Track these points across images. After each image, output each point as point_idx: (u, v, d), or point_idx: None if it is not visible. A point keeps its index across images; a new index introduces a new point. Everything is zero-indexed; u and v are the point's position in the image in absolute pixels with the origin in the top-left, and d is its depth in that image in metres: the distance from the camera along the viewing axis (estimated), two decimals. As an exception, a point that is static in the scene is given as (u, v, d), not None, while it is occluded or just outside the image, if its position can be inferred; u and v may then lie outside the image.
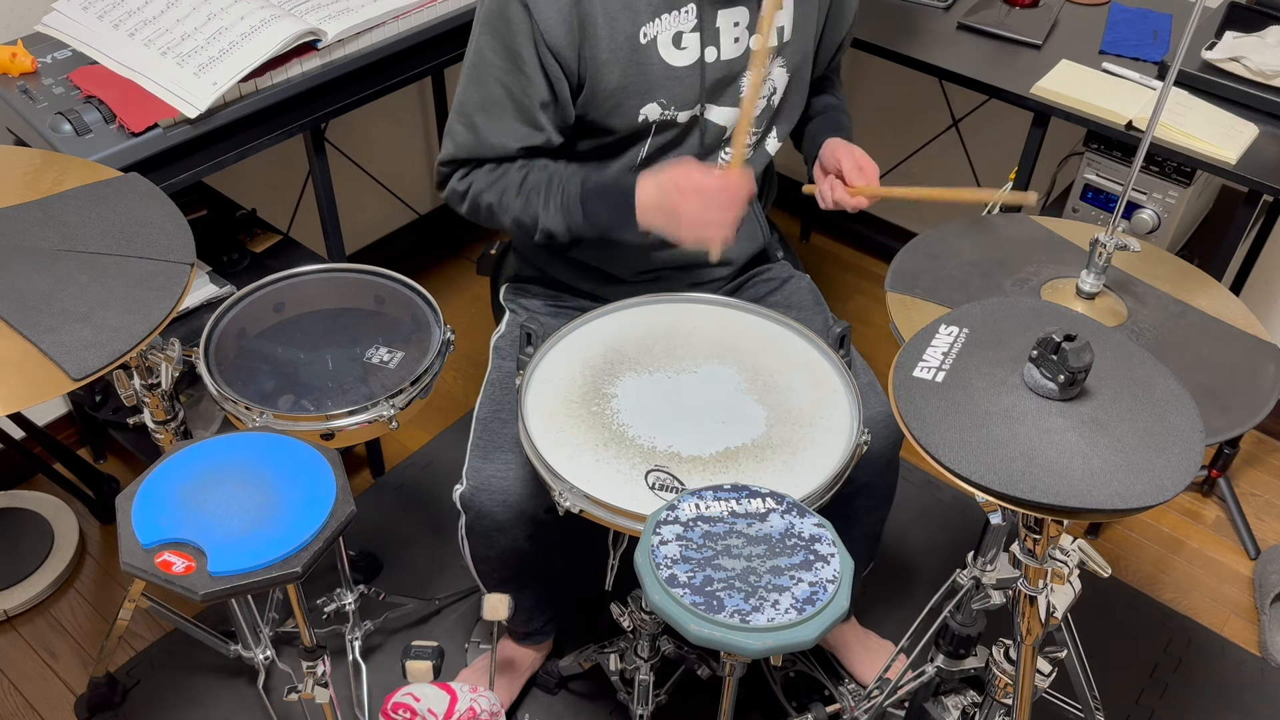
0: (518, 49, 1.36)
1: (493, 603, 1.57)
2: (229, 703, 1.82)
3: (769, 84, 1.51)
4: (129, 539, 1.13)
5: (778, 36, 1.47)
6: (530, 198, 1.44)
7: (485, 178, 1.47)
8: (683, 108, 1.45)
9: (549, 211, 1.44)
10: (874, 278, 2.79)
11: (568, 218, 1.43)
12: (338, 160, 2.46)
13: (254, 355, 1.49)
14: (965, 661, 1.41)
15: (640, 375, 1.39)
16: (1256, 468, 2.33)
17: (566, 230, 1.44)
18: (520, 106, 1.40)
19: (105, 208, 1.34)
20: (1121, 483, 0.99)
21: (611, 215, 1.41)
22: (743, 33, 1.44)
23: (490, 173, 1.46)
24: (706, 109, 1.47)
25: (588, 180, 1.43)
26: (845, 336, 1.44)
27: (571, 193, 1.43)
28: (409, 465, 2.26)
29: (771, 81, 1.51)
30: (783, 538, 1.11)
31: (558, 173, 1.45)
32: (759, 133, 1.56)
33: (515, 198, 1.45)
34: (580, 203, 1.42)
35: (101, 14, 1.68)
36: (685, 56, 1.41)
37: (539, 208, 1.44)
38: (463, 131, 1.45)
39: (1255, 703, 1.88)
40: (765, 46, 1.42)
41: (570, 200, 1.42)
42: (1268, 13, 1.89)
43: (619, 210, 1.40)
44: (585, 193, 1.42)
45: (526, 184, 1.45)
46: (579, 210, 1.42)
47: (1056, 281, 1.38)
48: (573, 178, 1.44)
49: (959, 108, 2.53)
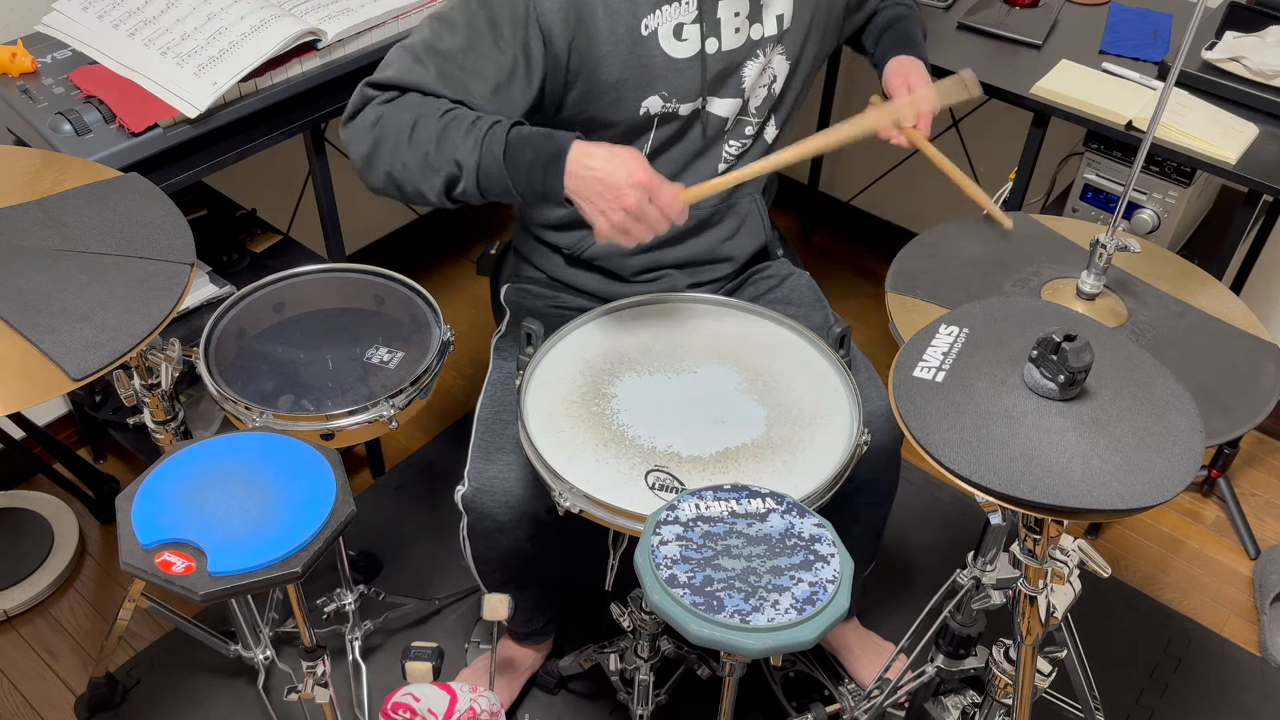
0: (500, 22, 1.31)
1: (493, 603, 1.57)
2: (229, 703, 1.82)
3: (768, 73, 1.50)
4: (129, 539, 1.13)
5: (777, 25, 1.47)
6: (450, 126, 1.28)
7: (414, 99, 1.32)
8: (685, 100, 1.45)
9: (466, 141, 1.27)
10: (874, 277, 2.79)
11: (483, 153, 1.26)
12: (338, 160, 2.46)
13: (254, 355, 1.49)
14: (965, 661, 1.41)
15: (640, 375, 1.39)
16: (1256, 468, 2.33)
17: (476, 166, 1.27)
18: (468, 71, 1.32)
19: (105, 208, 1.34)
20: (1121, 483, 0.99)
21: (534, 162, 1.25)
22: (743, 23, 1.43)
23: (417, 99, 1.32)
24: (708, 101, 1.47)
25: (519, 125, 1.30)
26: (845, 336, 1.44)
27: (500, 129, 1.27)
28: (409, 465, 2.26)
29: (771, 70, 1.50)
30: (783, 538, 1.11)
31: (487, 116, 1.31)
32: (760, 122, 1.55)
33: (435, 121, 1.29)
34: (505, 139, 1.26)
35: (101, 14, 1.68)
36: (686, 48, 1.41)
37: (458, 135, 1.27)
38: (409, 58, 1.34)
39: (1255, 703, 1.88)
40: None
41: (495, 135, 1.27)
42: (1268, 13, 1.89)
43: (547, 162, 1.25)
44: (516, 132, 1.28)
45: (454, 112, 1.30)
46: (500, 148, 1.26)
47: (1057, 282, 1.38)
48: (505, 120, 1.30)
49: (959, 108, 2.52)
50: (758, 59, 1.47)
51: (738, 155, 1.55)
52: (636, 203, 1.23)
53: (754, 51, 1.46)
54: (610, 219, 1.25)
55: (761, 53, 1.47)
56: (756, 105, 1.52)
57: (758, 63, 1.47)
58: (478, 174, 1.28)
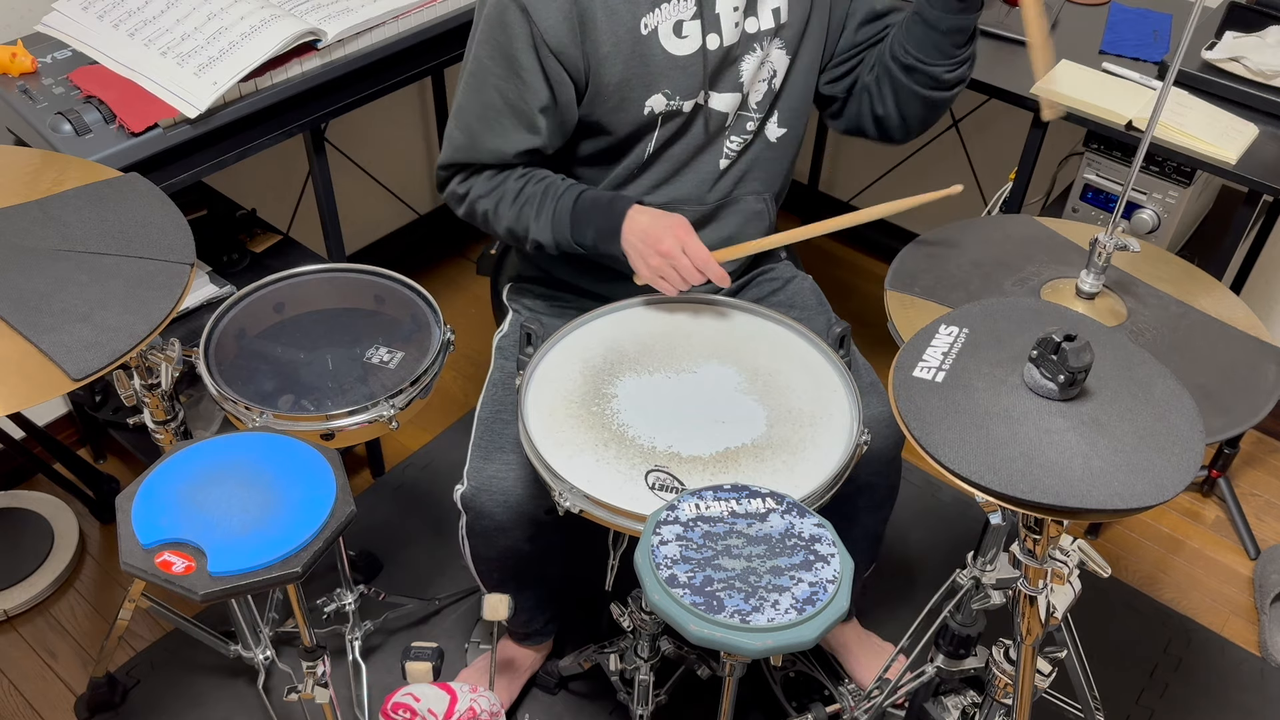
0: (515, 55, 1.37)
1: (493, 603, 1.57)
2: (229, 703, 1.82)
3: (768, 66, 1.49)
4: (129, 539, 1.13)
5: (774, 18, 1.46)
6: (524, 208, 1.47)
7: (483, 185, 1.49)
8: (687, 97, 1.45)
9: (540, 223, 1.46)
10: (874, 278, 2.79)
11: (556, 231, 1.46)
12: (338, 160, 2.46)
13: (254, 355, 1.49)
14: (965, 661, 1.41)
15: (640, 375, 1.39)
16: (1256, 468, 2.33)
17: (554, 243, 1.47)
18: (517, 112, 1.41)
19: (105, 208, 1.34)
20: (1121, 483, 0.99)
21: (598, 232, 1.44)
22: (740, 16, 1.43)
23: (489, 180, 1.48)
24: (709, 96, 1.47)
25: (582, 196, 1.45)
26: (845, 336, 1.45)
27: (564, 206, 1.45)
28: (409, 465, 2.26)
29: (770, 65, 1.50)
30: (783, 538, 1.11)
31: (553, 185, 1.47)
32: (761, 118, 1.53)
33: (510, 206, 1.47)
34: (570, 217, 1.45)
35: (101, 14, 1.68)
36: (687, 45, 1.41)
37: (531, 218, 1.46)
38: (460, 137, 1.47)
39: (1255, 703, 1.88)
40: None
41: (561, 213, 1.45)
42: (1268, 13, 1.89)
43: (606, 228, 1.43)
44: (577, 208, 1.44)
45: (522, 194, 1.47)
46: (568, 224, 1.45)
47: (1057, 282, 1.38)
48: (568, 192, 1.46)
49: (959, 108, 2.53)
50: (755, 53, 1.47)
51: (740, 152, 1.55)
52: (670, 249, 1.39)
53: (751, 45, 1.46)
54: (649, 263, 1.41)
55: (759, 46, 1.47)
56: (757, 100, 1.51)
57: (755, 56, 1.47)
58: (557, 248, 1.48)
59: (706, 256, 1.40)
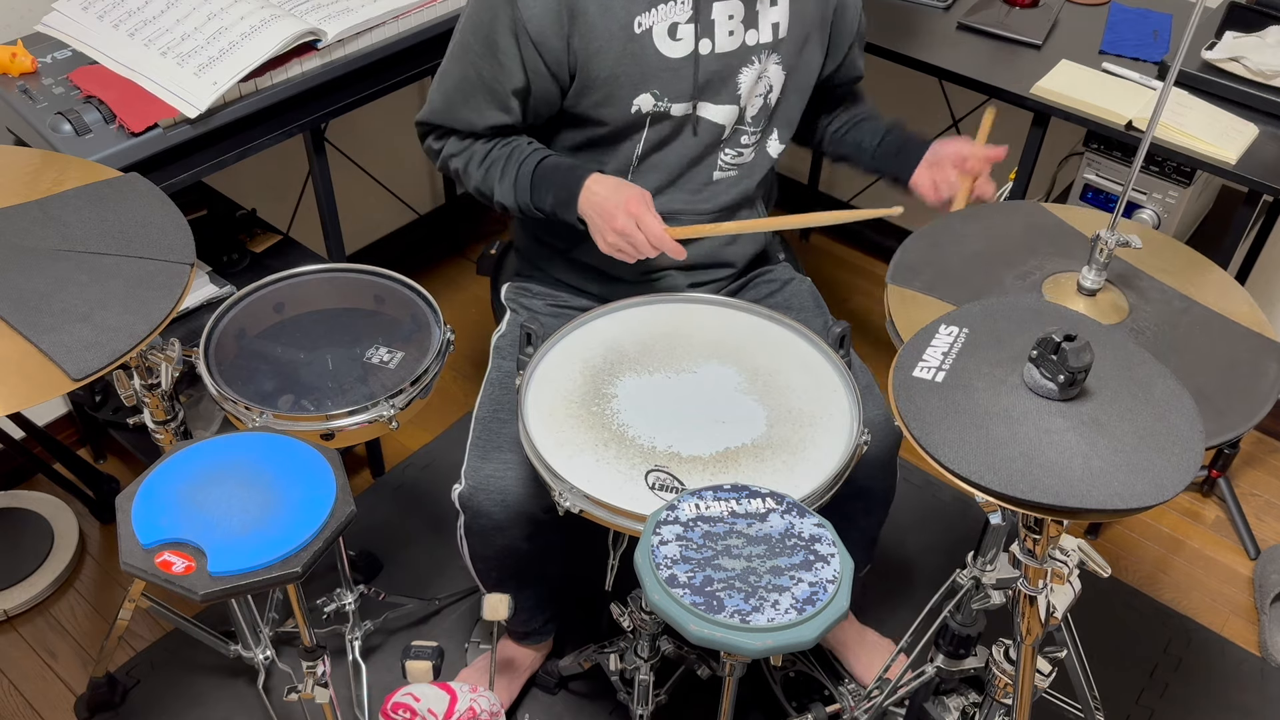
0: (496, 38, 1.40)
1: (493, 603, 1.57)
2: (229, 703, 1.82)
3: (764, 82, 1.50)
4: (129, 539, 1.13)
5: (772, 33, 1.47)
6: (489, 170, 1.51)
7: (455, 144, 1.54)
8: (677, 100, 1.45)
9: (503, 185, 1.50)
10: (874, 278, 2.79)
11: (519, 194, 1.49)
12: (338, 160, 2.46)
13: (254, 355, 1.49)
14: (965, 661, 1.41)
15: (640, 375, 1.39)
16: (1256, 468, 2.33)
17: (516, 206, 1.51)
18: (491, 91, 1.45)
19: (105, 208, 1.34)
20: (1121, 483, 0.99)
21: (555, 199, 1.46)
22: (737, 25, 1.44)
23: (459, 141, 1.53)
24: (700, 106, 1.47)
25: (544, 161, 1.48)
26: (845, 336, 1.45)
27: (525, 170, 1.48)
28: (409, 465, 2.26)
29: (767, 79, 1.50)
30: (783, 538, 1.11)
31: (519, 149, 1.50)
32: (759, 133, 1.55)
33: (478, 167, 1.52)
34: (530, 181, 1.48)
35: (101, 14, 1.68)
36: (680, 48, 1.42)
37: (495, 180, 1.50)
38: (438, 100, 1.52)
39: (1255, 703, 1.88)
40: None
41: (523, 177, 1.48)
42: (1268, 13, 1.89)
43: (563, 195, 1.45)
44: (537, 172, 1.47)
45: (489, 156, 1.51)
46: (528, 187, 1.48)
47: (1059, 276, 1.37)
48: (531, 156, 1.49)
49: (959, 108, 2.52)
50: (753, 65, 1.47)
51: (736, 165, 1.55)
52: (624, 226, 1.39)
53: (749, 58, 1.46)
54: (606, 239, 1.42)
55: (757, 59, 1.47)
56: (753, 115, 1.52)
57: (753, 70, 1.48)
58: (519, 210, 1.51)
59: (661, 233, 1.39)
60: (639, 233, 1.39)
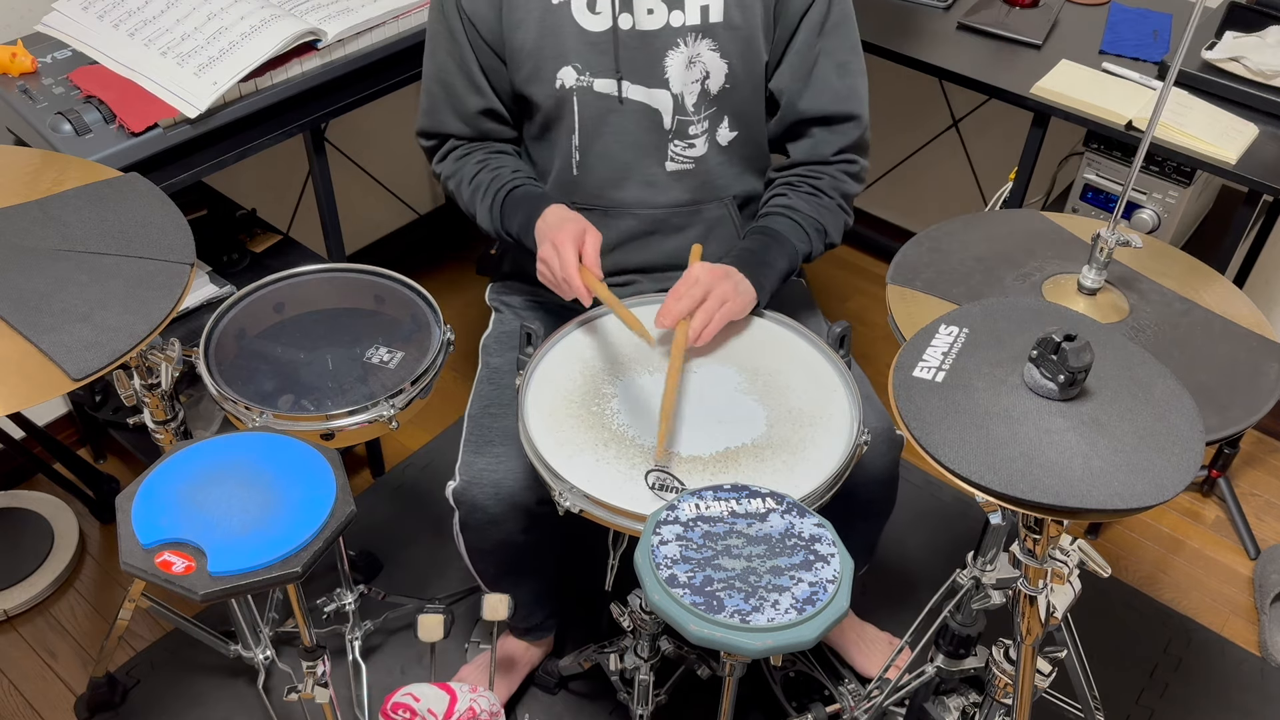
0: (448, 19, 1.47)
1: (492, 603, 1.57)
2: (229, 703, 1.82)
3: (698, 66, 1.46)
4: (129, 539, 1.13)
5: (701, 15, 1.43)
6: (475, 193, 1.55)
7: (450, 165, 1.58)
8: (599, 75, 1.46)
9: (483, 208, 1.54)
10: (874, 278, 2.79)
11: (493, 218, 1.54)
12: (338, 160, 2.46)
13: (254, 355, 1.49)
14: (965, 661, 1.41)
15: (640, 375, 1.39)
16: (1256, 468, 2.33)
17: (492, 230, 1.55)
18: (465, 73, 1.50)
19: (105, 208, 1.34)
20: (1121, 483, 0.99)
21: (520, 226, 1.49)
22: (657, 4, 1.43)
23: (455, 161, 1.58)
24: (628, 86, 1.46)
25: (517, 189, 1.52)
26: (845, 336, 1.44)
27: (500, 196, 1.53)
28: (409, 465, 2.26)
29: (701, 65, 1.46)
30: (783, 538, 1.11)
31: (500, 175, 1.54)
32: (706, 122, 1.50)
33: (466, 189, 1.56)
34: (502, 207, 1.52)
35: (101, 14, 1.68)
36: (599, 21, 1.44)
37: (477, 203, 1.55)
38: (425, 101, 1.56)
39: (1255, 703, 1.88)
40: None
41: (497, 203, 1.53)
42: (1268, 13, 1.89)
43: (525, 222, 1.48)
44: (509, 199, 1.52)
45: (475, 179, 1.55)
46: (499, 214, 1.53)
47: (1059, 277, 1.38)
48: (509, 183, 1.53)
49: (959, 108, 2.53)
50: (679, 49, 1.44)
51: (689, 159, 1.52)
52: (546, 254, 1.40)
53: (675, 40, 1.44)
54: (539, 266, 1.43)
55: (683, 42, 1.44)
56: (693, 103, 1.48)
57: (681, 53, 1.45)
58: (495, 233, 1.55)
59: (570, 270, 1.35)
60: (555, 261, 1.37)
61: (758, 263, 1.45)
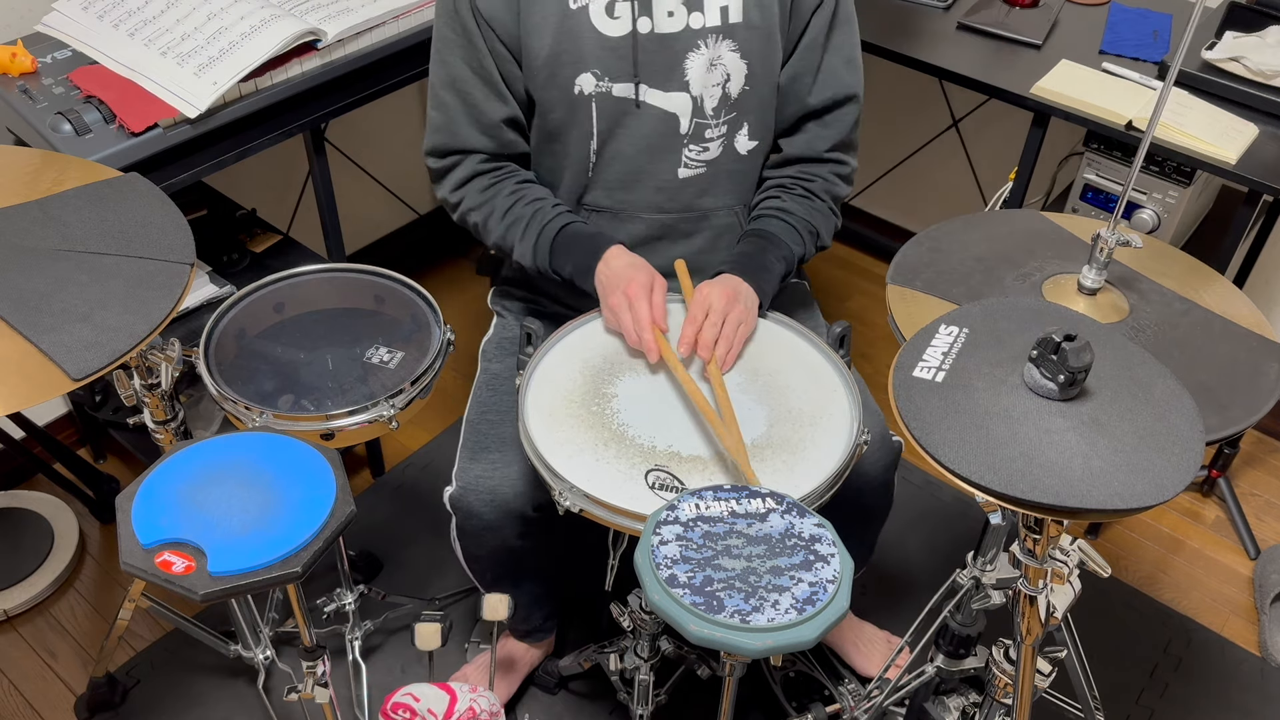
0: (463, 20, 1.41)
1: (492, 603, 1.57)
2: (229, 703, 1.82)
3: (719, 70, 1.44)
4: (129, 539, 1.13)
5: (721, 16, 1.42)
6: (511, 228, 1.49)
7: (475, 197, 1.51)
8: (618, 80, 1.43)
9: (524, 245, 1.48)
10: (874, 278, 2.79)
11: (538, 256, 1.48)
12: (338, 160, 2.46)
13: (254, 355, 1.49)
14: (965, 661, 1.41)
15: (640, 375, 1.39)
16: (1256, 468, 2.33)
17: (535, 268, 1.50)
18: (485, 78, 1.44)
19: (105, 208, 1.34)
20: (1121, 483, 0.99)
21: (575, 267, 1.45)
22: (678, 7, 1.41)
23: (481, 192, 1.50)
24: (646, 90, 1.44)
25: (567, 227, 1.47)
26: (845, 336, 1.44)
27: (547, 235, 1.47)
28: (409, 465, 2.26)
29: (722, 67, 1.44)
30: (783, 538, 1.11)
31: (542, 210, 1.48)
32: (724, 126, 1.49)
33: (499, 223, 1.49)
34: (551, 246, 1.47)
35: (101, 14, 1.68)
36: (618, 26, 1.40)
37: (516, 239, 1.49)
38: (438, 117, 1.48)
39: (1255, 703, 1.88)
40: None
41: (544, 241, 1.47)
42: (1268, 13, 1.89)
43: (583, 264, 1.44)
44: (559, 238, 1.46)
45: (511, 213, 1.49)
46: (548, 253, 1.47)
47: (1059, 277, 1.38)
48: (555, 220, 1.47)
49: (959, 108, 2.53)
50: (700, 51, 1.43)
51: (704, 162, 1.51)
52: (617, 303, 1.39)
53: (695, 42, 1.42)
54: (608, 301, 1.41)
55: (704, 44, 1.42)
56: (713, 106, 1.47)
57: (701, 55, 1.43)
58: (537, 270, 1.50)
59: (645, 322, 1.36)
60: (628, 314, 1.38)
61: (757, 267, 1.46)
